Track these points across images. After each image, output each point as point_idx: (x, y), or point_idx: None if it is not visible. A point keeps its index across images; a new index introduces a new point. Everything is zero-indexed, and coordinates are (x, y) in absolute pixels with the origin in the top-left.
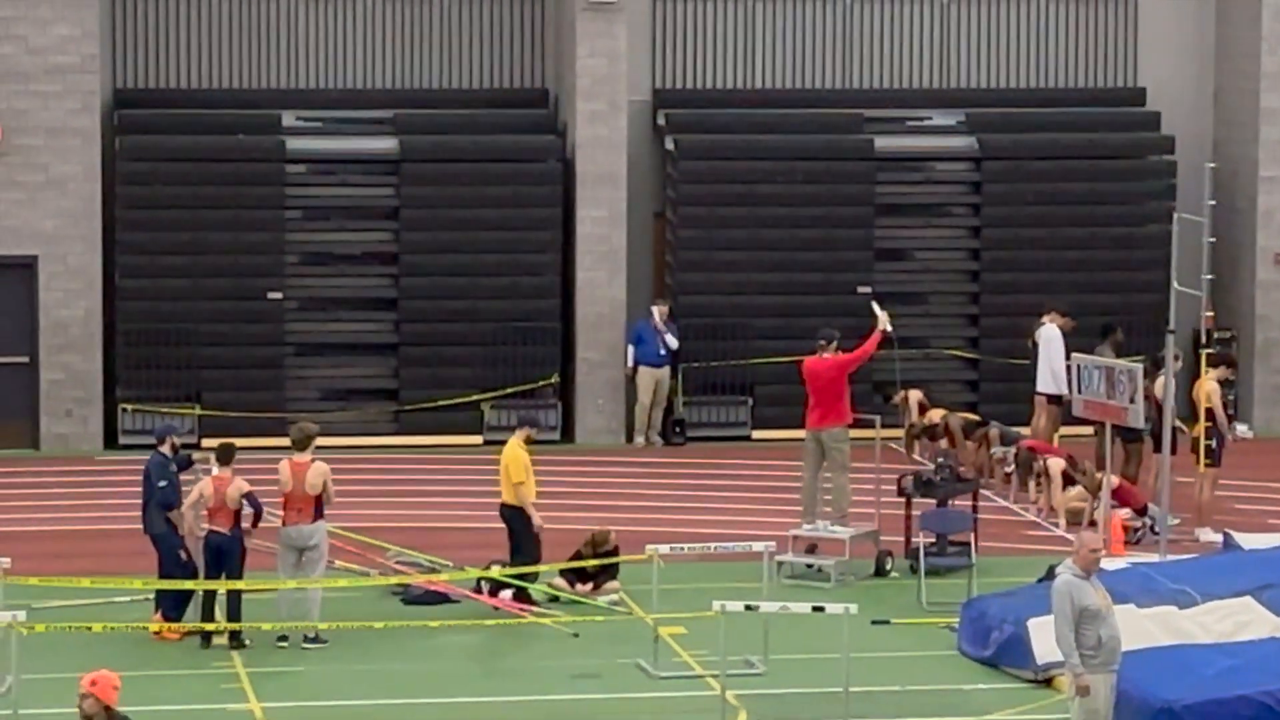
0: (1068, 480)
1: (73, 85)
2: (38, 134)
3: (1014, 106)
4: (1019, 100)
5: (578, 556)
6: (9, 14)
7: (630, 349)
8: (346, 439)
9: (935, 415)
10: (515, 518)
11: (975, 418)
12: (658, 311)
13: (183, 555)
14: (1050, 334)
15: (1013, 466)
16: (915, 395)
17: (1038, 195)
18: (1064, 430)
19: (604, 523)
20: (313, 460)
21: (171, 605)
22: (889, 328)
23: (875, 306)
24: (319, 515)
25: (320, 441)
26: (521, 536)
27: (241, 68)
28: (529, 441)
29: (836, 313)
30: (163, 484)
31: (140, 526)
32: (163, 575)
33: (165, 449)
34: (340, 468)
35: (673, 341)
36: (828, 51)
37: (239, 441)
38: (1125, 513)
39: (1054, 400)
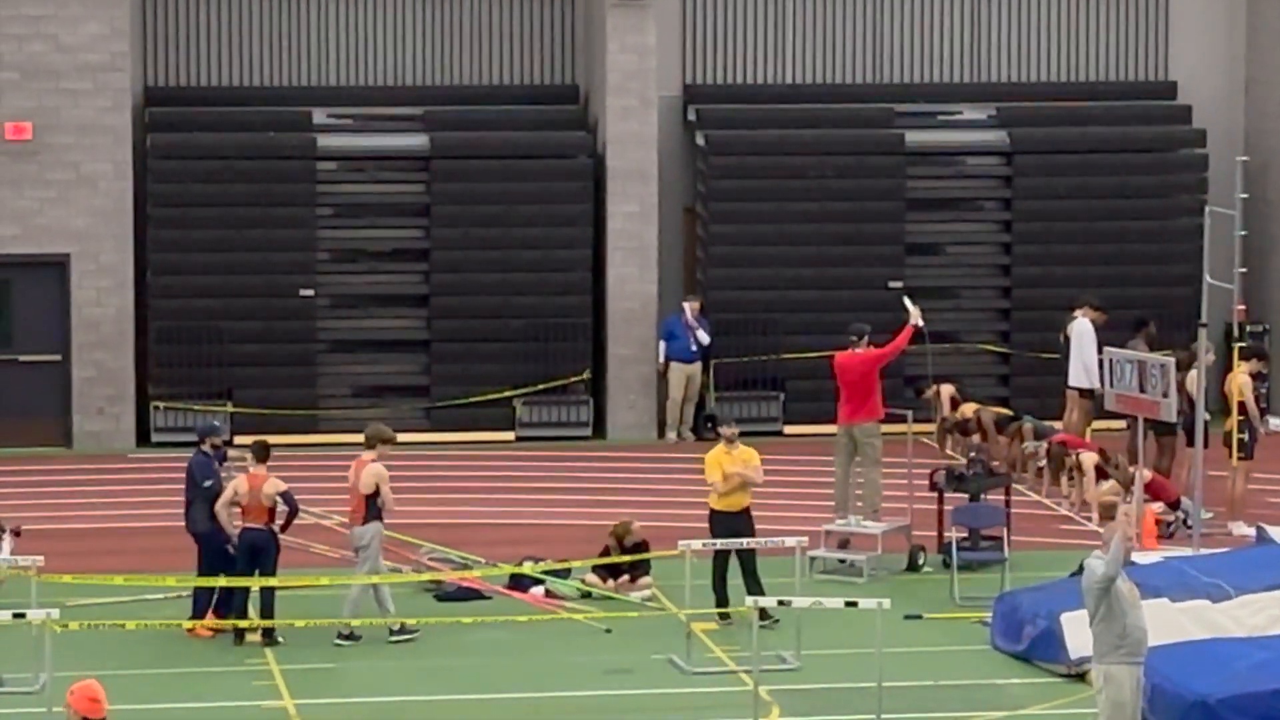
0: (1100, 474)
1: (103, 83)
2: (69, 132)
3: (1045, 100)
4: (1050, 94)
5: (608, 552)
6: (40, 12)
7: (661, 344)
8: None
9: (968, 410)
10: None
11: (1008, 412)
12: (689, 307)
13: (230, 550)
14: (1082, 328)
15: (1045, 461)
16: (948, 390)
17: (1069, 189)
18: (1096, 424)
19: (635, 518)
20: (372, 460)
21: (221, 601)
22: (920, 322)
23: (907, 301)
24: (372, 517)
25: (352, 439)
26: None
27: (272, 65)
28: None
29: (867, 307)
30: (207, 483)
31: (183, 524)
32: (204, 573)
33: (206, 447)
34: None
35: (704, 337)
36: (858, 46)
37: (270, 439)
38: (1158, 506)
39: (1086, 394)
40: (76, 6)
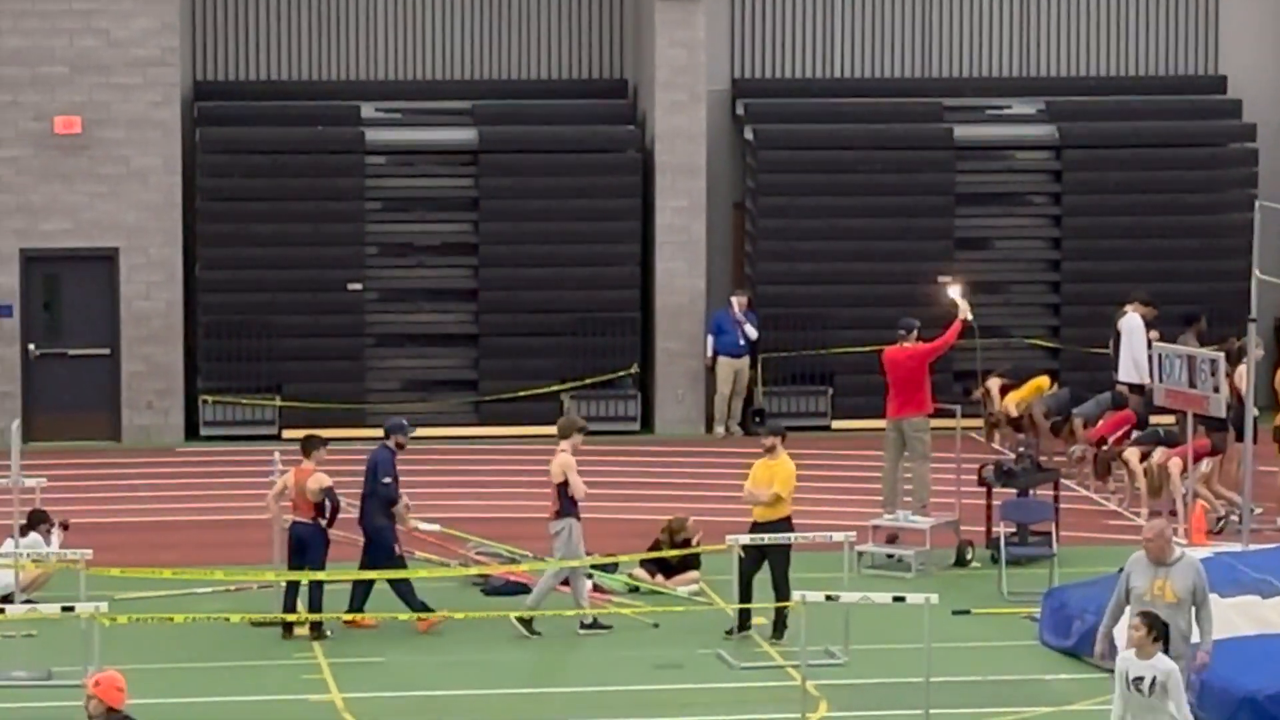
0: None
1: (153, 78)
2: (119, 127)
3: (1094, 94)
4: (1099, 88)
5: (656, 546)
6: (90, 7)
7: (709, 339)
8: (426, 430)
9: (1011, 404)
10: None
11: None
12: (737, 301)
13: (396, 549)
14: (1132, 323)
15: (1091, 466)
16: (996, 383)
17: (1119, 184)
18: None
19: (683, 513)
20: (563, 451)
21: (361, 597)
22: (969, 316)
23: (956, 295)
24: (566, 508)
25: None
26: None
27: (321, 59)
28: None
29: (916, 302)
30: (387, 480)
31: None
32: (366, 568)
33: (392, 443)
34: (420, 459)
35: (752, 331)
36: (907, 40)
37: (319, 433)
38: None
39: (1136, 389)
40: (127, 2)
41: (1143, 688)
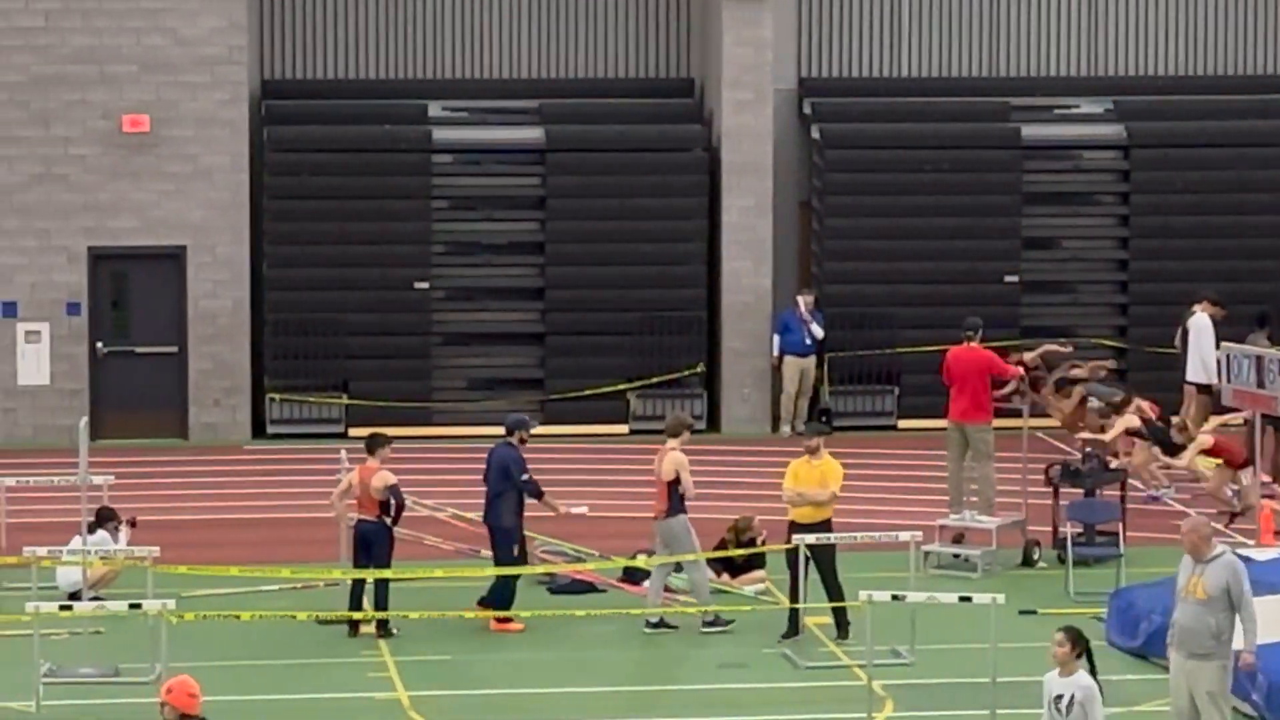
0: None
1: (221, 76)
2: (186, 125)
3: (1163, 94)
4: (1168, 87)
5: (723, 545)
6: (158, 6)
7: (775, 338)
8: (492, 429)
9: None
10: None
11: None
12: (803, 301)
13: (515, 550)
14: (1201, 323)
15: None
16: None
17: (1187, 183)
18: (1213, 420)
19: (749, 512)
20: (673, 449)
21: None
22: (1026, 370)
23: (1035, 356)
24: (676, 506)
25: (466, 431)
26: None
27: (388, 58)
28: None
29: (983, 302)
30: (526, 476)
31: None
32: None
33: (515, 440)
34: (485, 457)
35: (818, 331)
36: (974, 39)
37: (385, 431)
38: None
39: (1204, 390)
40: (195, 0)
41: (1061, 707)
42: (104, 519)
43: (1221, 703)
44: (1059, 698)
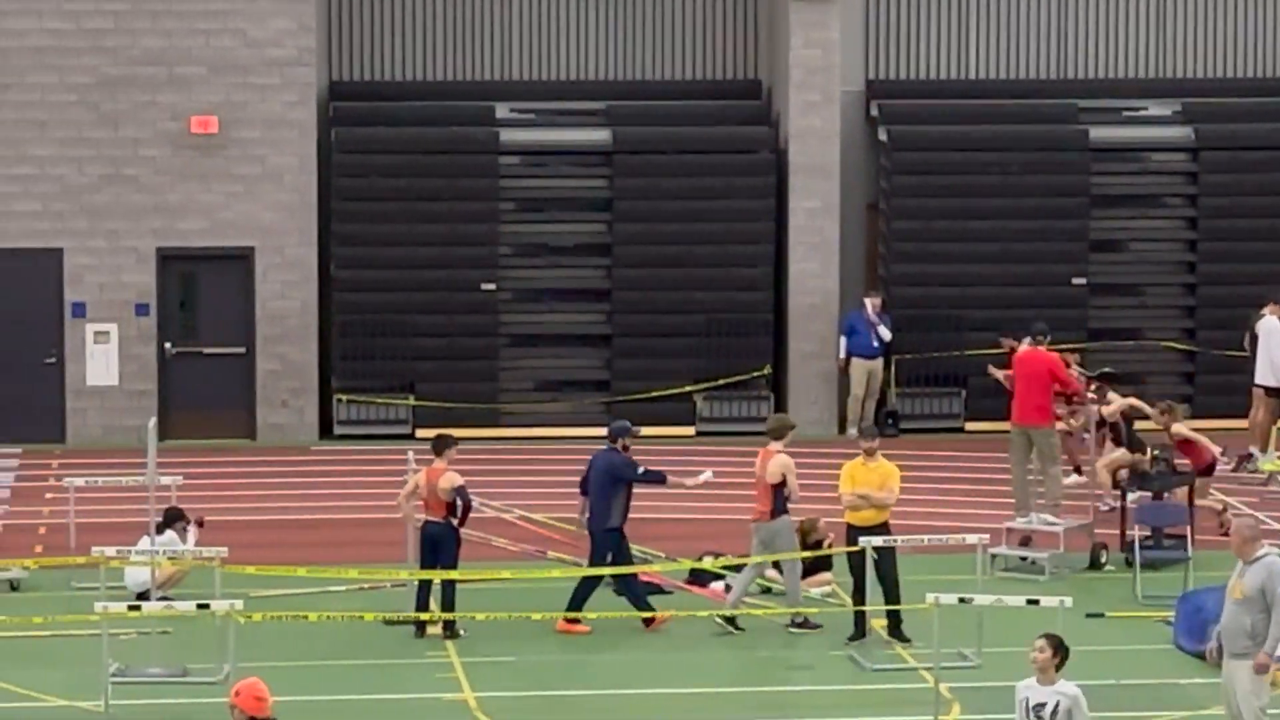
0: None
1: (290, 78)
2: (255, 126)
3: (1231, 96)
4: (1236, 90)
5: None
6: (228, 7)
7: (842, 339)
8: (559, 430)
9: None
10: None
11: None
12: (871, 303)
13: (610, 557)
14: (1270, 325)
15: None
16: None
17: (1256, 186)
18: None
19: (816, 514)
20: (778, 451)
21: (583, 597)
22: (1088, 391)
23: (1102, 394)
24: (779, 508)
25: (533, 432)
26: None
27: (455, 60)
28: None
29: (1050, 304)
30: (642, 468)
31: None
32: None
33: (619, 446)
34: (552, 458)
35: (885, 333)
36: (1042, 41)
37: (452, 432)
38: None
39: (1273, 393)
40: (264, 2)
41: (1044, 714)
42: (172, 519)
43: (1255, 702)
44: (1040, 706)
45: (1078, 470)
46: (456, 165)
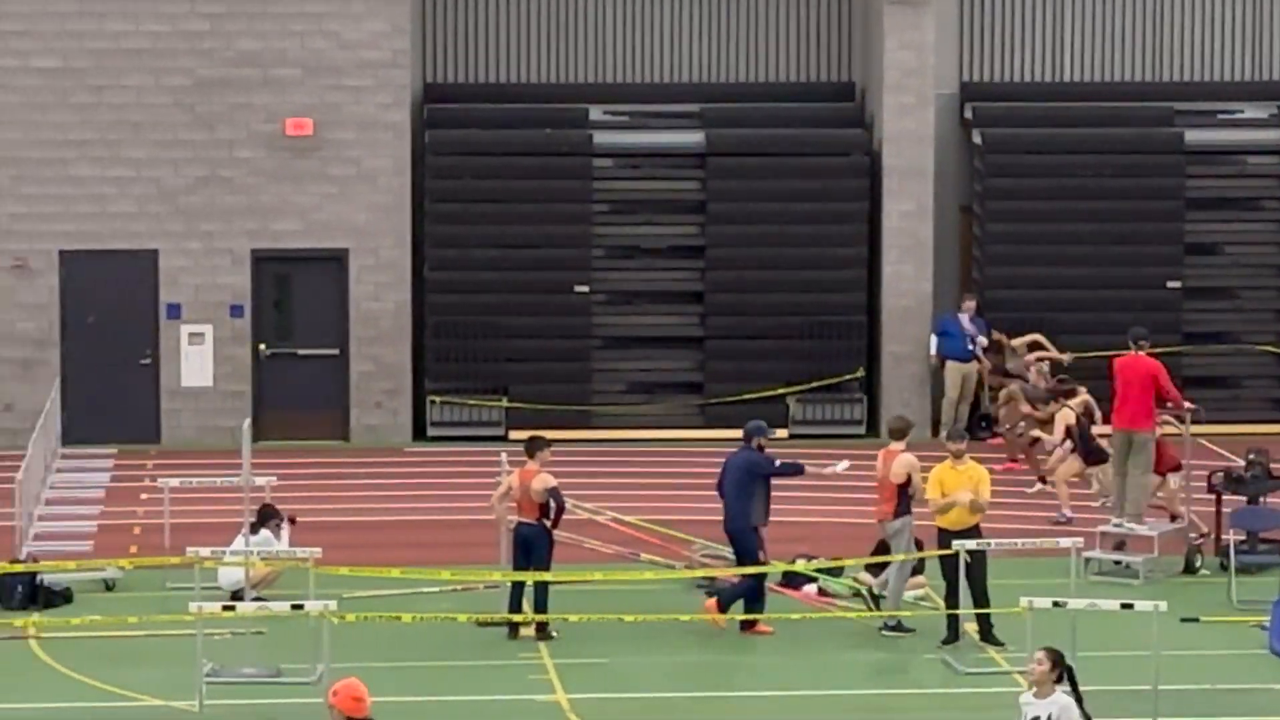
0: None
1: (384, 80)
2: (349, 128)
3: None
4: None
5: (880, 550)
6: (322, 9)
7: (933, 339)
8: (651, 432)
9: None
10: None
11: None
12: (966, 307)
13: (761, 556)
14: None
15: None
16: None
17: None
18: None
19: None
20: (901, 451)
21: (754, 597)
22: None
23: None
24: (903, 508)
25: (625, 434)
26: None
27: (549, 62)
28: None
29: (1145, 308)
30: (778, 463)
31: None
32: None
33: (754, 445)
34: (645, 460)
35: (983, 340)
36: (1137, 43)
37: (544, 434)
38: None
39: None
40: (359, 4)
41: None
42: (266, 517)
43: None
44: (1035, 719)
45: (1042, 480)
46: (550, 167)
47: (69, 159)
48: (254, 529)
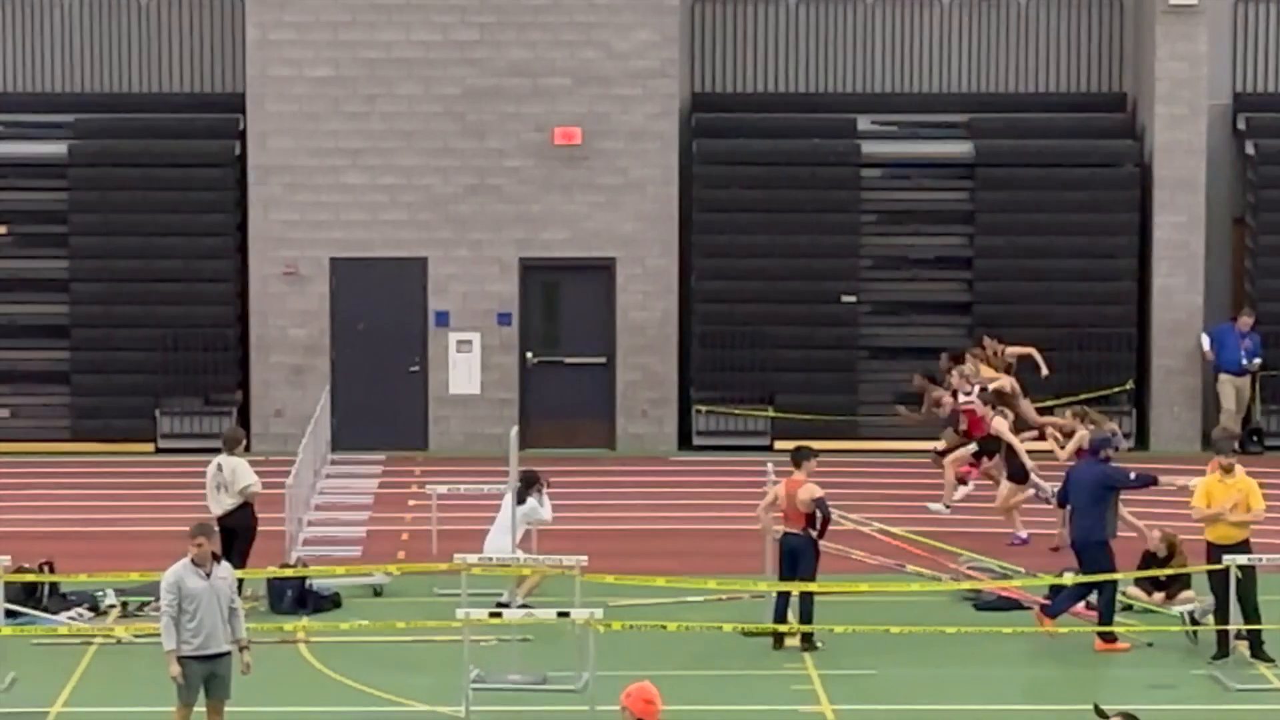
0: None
1: (652, 89)
2: (618, 138)
3: None
4: None
5: (1148, 564)
6: (592, 20)
7: (1204, 339)
8: (917, 443)
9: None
10: None
11: None
12: (1242, 322)
13: (1113, 563)
14: None
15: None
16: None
17: None
18: None
19: (1171, 530)
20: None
21: (1106, 608)
22: None
23: None
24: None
25: (892, 445)
26: None
27: (817, 72)
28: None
29: None
30: (1133, 474)
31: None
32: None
33: (1102, 457)
34: (911, 471)
35: (1257, 360)
36: None
37: (811, 444)
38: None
39: None
40: (629, 14)
41: None
42: (529, 483)
43: None
44: None
45: (962, 481)
46: (817, 177)
47: (340, 167)
48: (520, 498)
